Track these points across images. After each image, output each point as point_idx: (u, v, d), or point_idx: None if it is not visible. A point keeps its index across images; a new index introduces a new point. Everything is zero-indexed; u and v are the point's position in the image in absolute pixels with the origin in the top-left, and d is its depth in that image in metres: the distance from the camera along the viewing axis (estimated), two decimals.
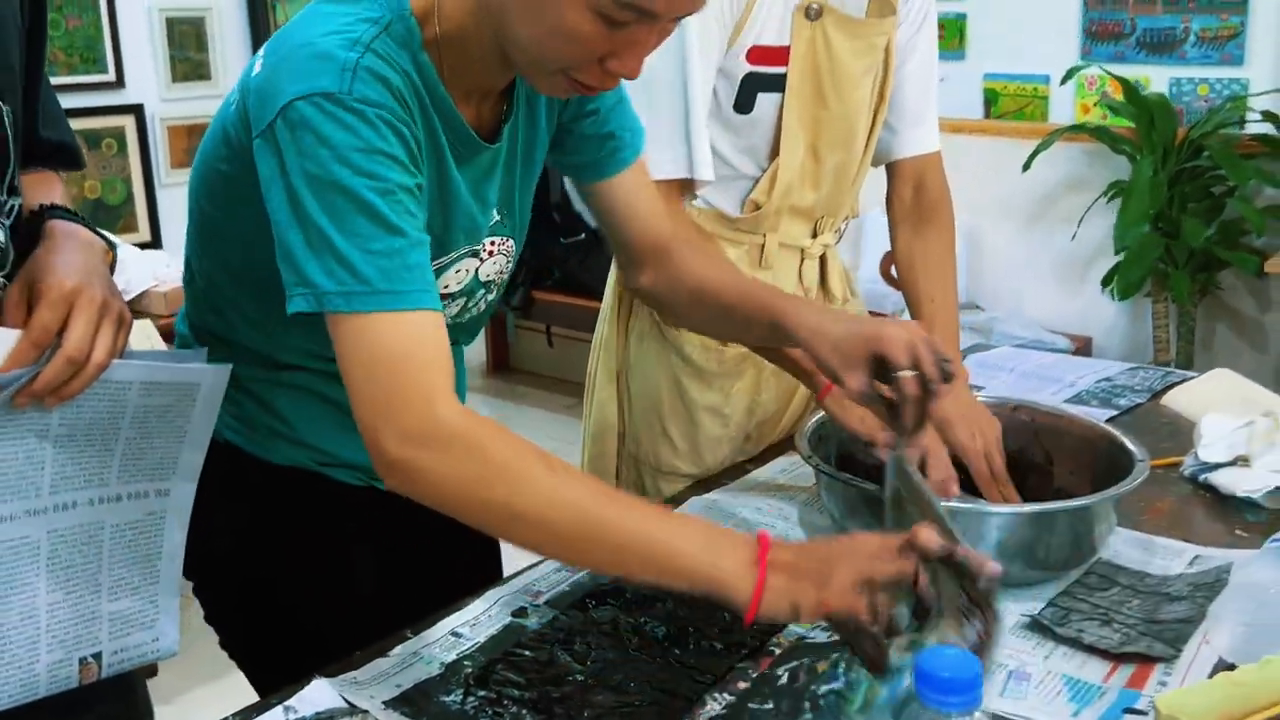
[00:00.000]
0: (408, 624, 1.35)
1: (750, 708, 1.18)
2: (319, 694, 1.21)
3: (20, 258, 1.17)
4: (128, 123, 4.38)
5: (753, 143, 1.69)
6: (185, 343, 1.45)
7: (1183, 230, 3.47)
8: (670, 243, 1.50)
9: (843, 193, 1.80)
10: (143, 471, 1.20)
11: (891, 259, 1.95)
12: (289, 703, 1.20)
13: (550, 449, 1.16)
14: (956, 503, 1.55)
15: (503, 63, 1.21)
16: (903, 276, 1.90)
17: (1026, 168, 3.75)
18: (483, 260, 1.37)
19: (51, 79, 1.31)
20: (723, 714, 1.18)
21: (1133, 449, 1.51)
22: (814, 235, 1.81)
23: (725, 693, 1.21)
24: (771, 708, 1.18)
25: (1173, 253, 3.54)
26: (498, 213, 1.36)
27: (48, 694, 1.18)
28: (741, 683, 1.23)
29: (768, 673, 1.24)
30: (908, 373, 1.24)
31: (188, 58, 4.56)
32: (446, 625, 1.34)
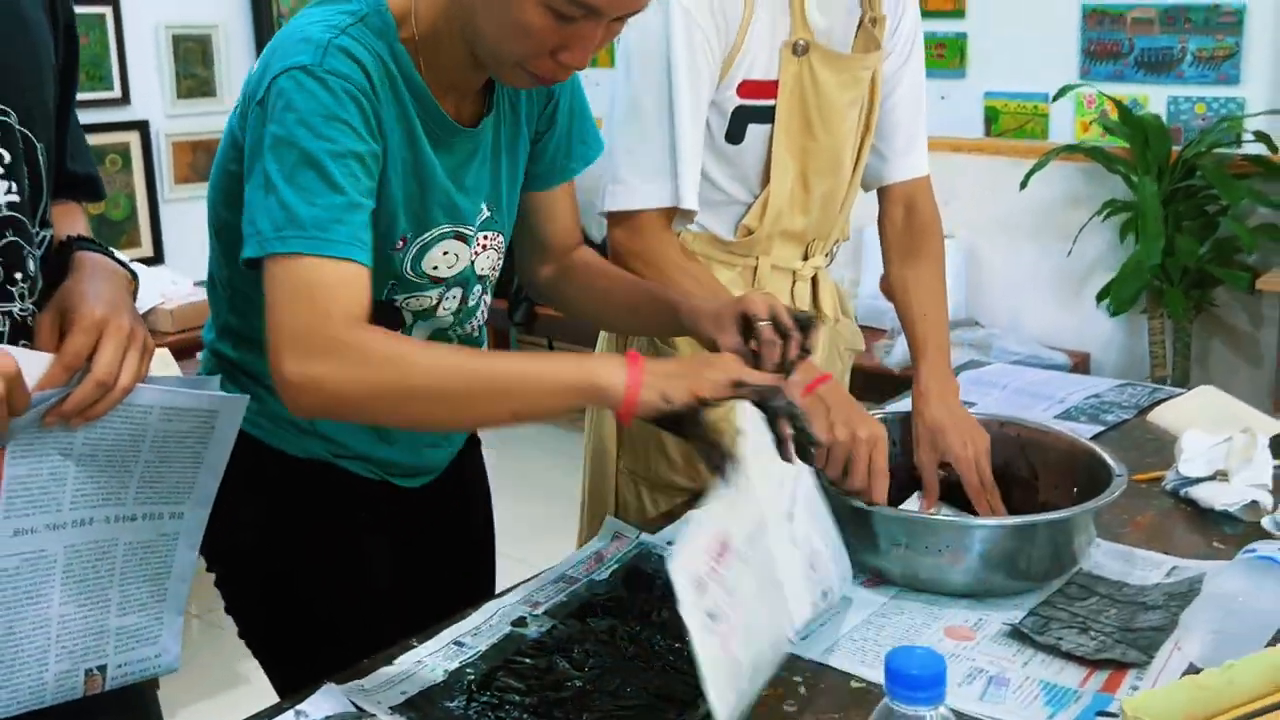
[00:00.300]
0: (418, 615, 1.42)
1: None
2: (328, 699, 1.27)
3: (48, 287, 1.24)
4: (132, 139, 4.45)
5: (744, 171, 1.75)
6: (212, 349, 1.56)
7: (1177, 248, 3.52)
8: (573, 253, 1.64)
9: (832, 217, 1.86)
10: (159, 494, 1.24)
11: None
12: (300, 707, 1.26)
13: (551, 463, 1.26)
14: (943, 515, 1.61)
15: (474, 60, 1.35)
16: (896, 294, 1.95)
17: (1023, 186, 3.80)
18: (476, 253, 1.47)
19: None
20: None
21: (1111, 464, 1.56)
22: (805, 258, 1.87)
23: None
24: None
25: (1168, 270, 3.59)
26: (487, 208, 1.46)
27: (54, 703, 1.22)
28: None
29: None
30: (765, 323, 1.39)
31: (193, 74, 4.62)
32: (449, 635, 1.40)
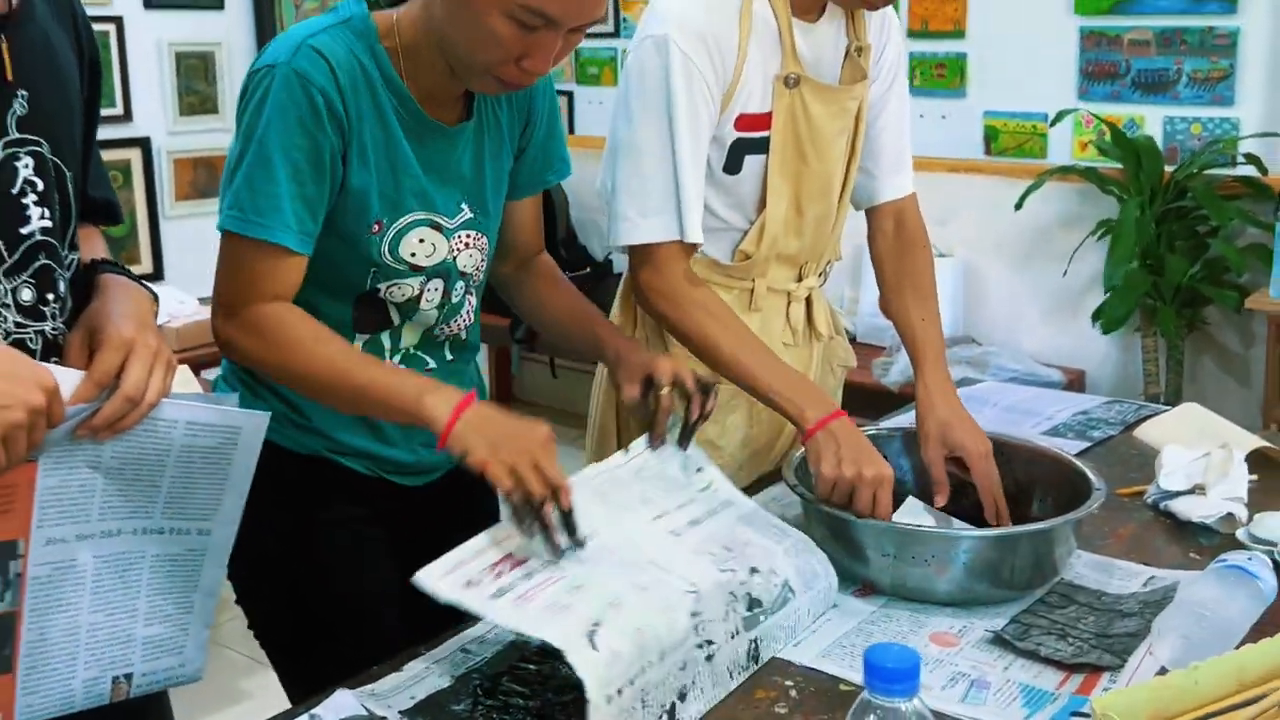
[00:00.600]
0: (419, 610, 1.46)
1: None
2: (341, 703, 1.34)
3: (74, 308, 1.31)
4: (134, 156, 4.48)
5: (741, 199, 1.82)
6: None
7: (1168, 268, 3.59)
8: (535, 255, 1.81)
9: (824, 239, 1.93)
10: (186, 511, 1.30)
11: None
12: (314, 711, 1.32)
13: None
14: (933, 528, 1.68)
15: (450, 70, 1.48)
16: (892, 302, 2.01)
17: (1019, 207, 3.86)
18: (457, 249, 1.59)
19: None
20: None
21: (1092, 478, 1.63)
22: (799, 279, 1.94)
23: None
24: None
25: (1160, 289, 3.64)
26: (469, 208, 1.59)
27: (82, 708, 1.28)
28: None
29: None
30: (665, 390, 1.59)
31: (196, 91, 4.66)
32: (456, 643, 1.47)
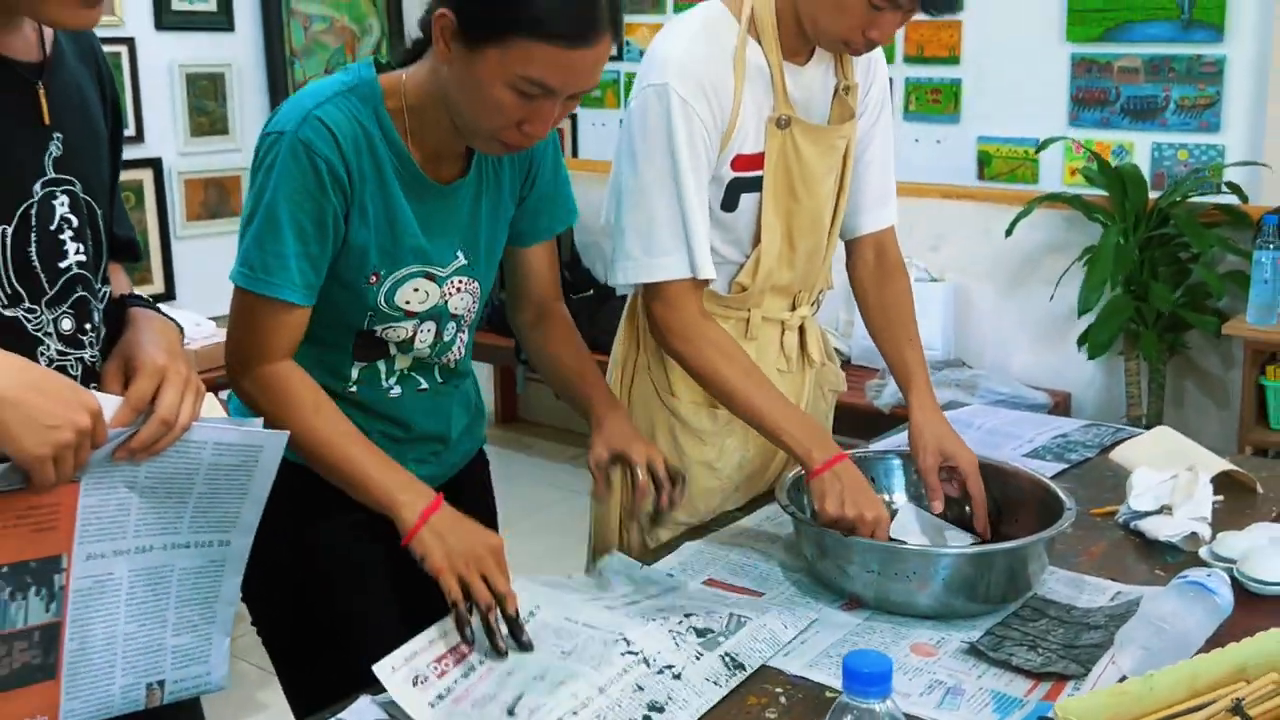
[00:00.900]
0: (415, 619, 1.58)
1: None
2: (365, 709, 1.44)
3: (107, 337, 1.41)
4: (146, 176, 4.54)
5: (738, 235, 1.94)
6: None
7: (1150, 293, 3.70)
8: (552, 304, 1.90)
9: (815, 270, 2.05)
10: (209, 524, 1.39)
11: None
12: (341, 715, 1.43)
13: (557, 497, 1.49)
14: (912, 544, 1.79)
15: (454, 129, 1.60)
16: (877, 324, 2.13)
17: (1008, 234, 3.96)
18: (448, 293, 1.70)
19: None
20: None
21: (1064, 499, 1.75)
22: (793, 308, 2.05)
23: None
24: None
25: (1143, 314, 3.75)
26: (464, 256, 1.70)
27: (119, 713, 1.37)
28: None
29: None
30: (642, 475, 1.75)
31: (206, 112, 4.74)
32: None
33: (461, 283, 1.71)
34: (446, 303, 1.70)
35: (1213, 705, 1.31)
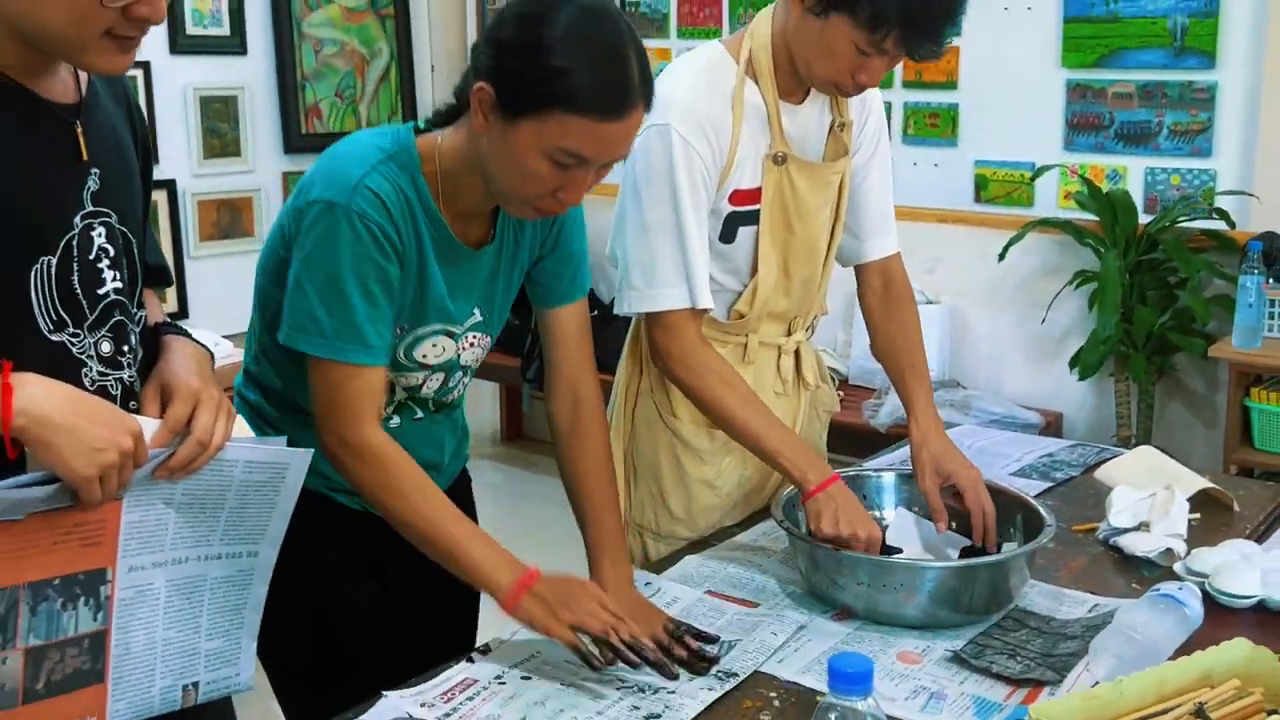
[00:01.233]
0: (401, 639, 1.71)
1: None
2: (387, 709, 1.54)
3: (144, 361, 1.50)
4: (160, 197, 4.59)
5: (736, 265, 2.04)
6: (238, 391, 1.86)
7: (1139, 317, 3.79)
8: (587, 393, 1.89)
9: (811, 297, 2.15)
10: (240, 536, 1.48)
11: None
12: (363, 717, 1.53)
13: (561, 513, 1.61)
14: (900, 558, 1.88)
15: (486, 192, 1.66)
16: (884, 349, 2.24)
17: (1001, 257, 4.05)
18: (463, 348, 1.78)
19: None
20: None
21: (1044, 515, 1.84)
22: (789, 334, 2.15)
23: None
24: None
25: (1132, 336, 3.85)
26: (480, 313, 1.77)
27: (159, 712, 1.46)
28: None
29: None
30: (651, 654, 1.65)
31: (219, 134, 4.82)
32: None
33: (475, 338, 1.79)
34: (459, 357, 1.78)
35: (1178, 709, 1.41)
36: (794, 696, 1.57)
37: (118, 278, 1.43)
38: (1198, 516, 2.08)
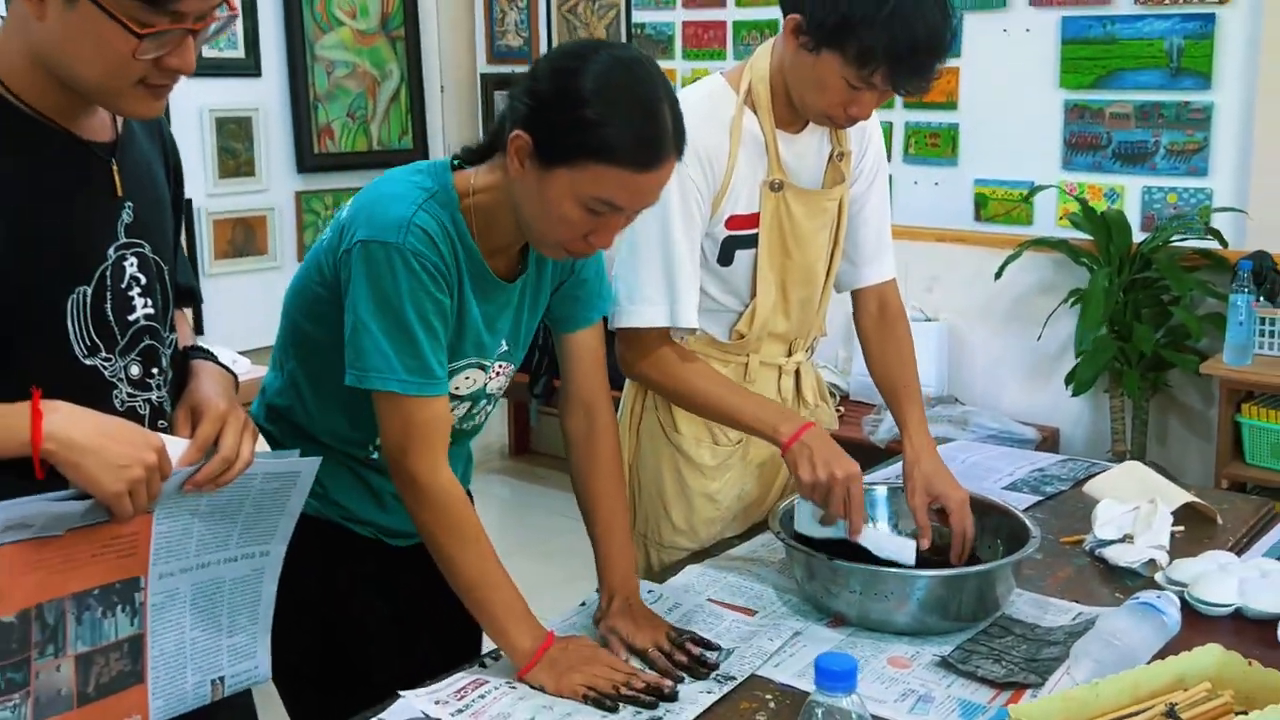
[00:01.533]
0: (411, 647, 1.79)
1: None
2: (403, 708, 1.63)
3: (175, 382, 1.59)
4: None
5: (735, 286, 2.12)
6: (266, 415, 1.91)
7: (1133, 334, 3.87)
8: (600, 407, 1.96)
9: (809, 319, 2.23)
10: (254, 538, 1.58)
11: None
12: (383, 715, 1.62)
13: (569, 526, 1.69)
14: (891, 569, 1.96)
15: (518, 229, 1.72)
16: (879, 372, 2.32)
17: (998, 276, 4.13)
18: (490, 378, 1.84)
19: None
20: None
21: (1030, 527, 1.92)
22: (789, 354, 2.24)
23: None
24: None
25: (1126, 353, 3.92)
26: (506, 343, 1.83)
27: (192, 707, 1.55)
28: None
29: None
30: (661, 663, 1.74)
31: (234, 154, 4.92)
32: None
33: (502, 367, 1.85)
34: (486, 386, 1.84)
35: (1150, 710, 1.49)
36: (789, 698, 1.65)
37: (149, 304, 1.51)
38: (1181, 529, 2.16)
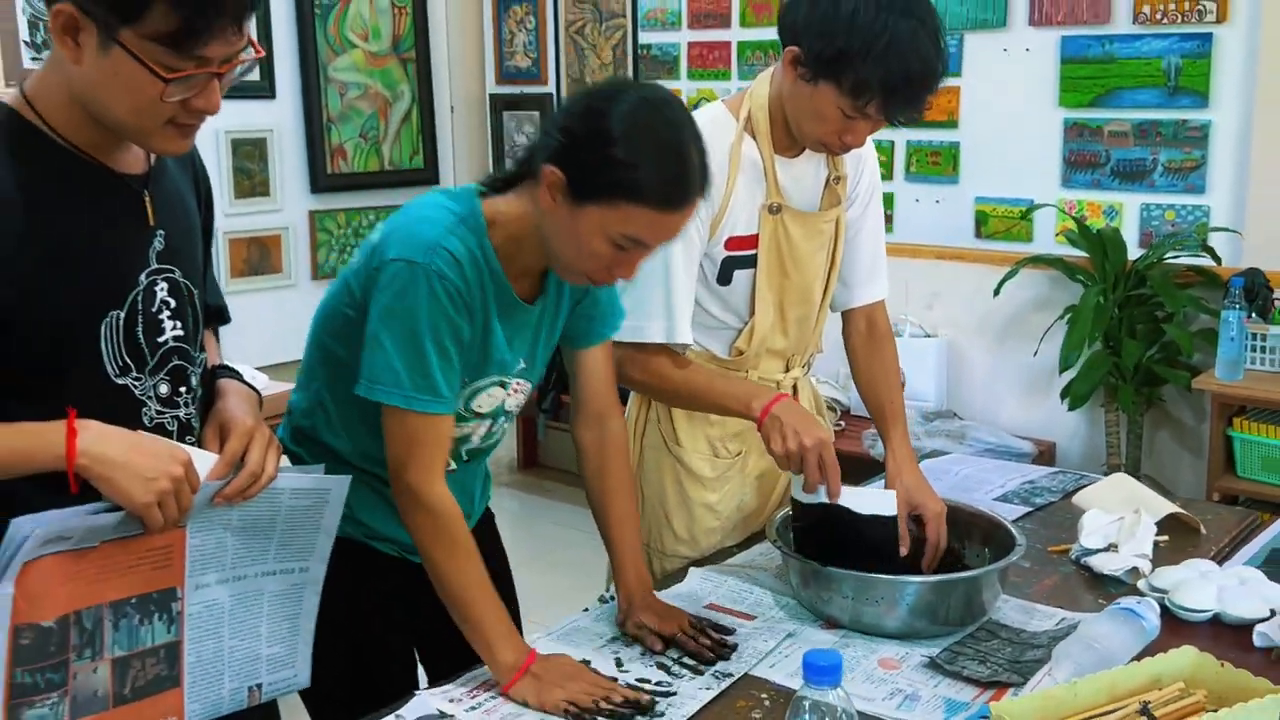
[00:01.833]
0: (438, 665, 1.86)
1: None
2: (419, 705, 1.72)
3: (203, 400, 1.67)
4: None
5: (734, 305, 2.21)
6: (293, 437, 1.97)
7: (1126, 350, 3.94)
8: (610, 416, 2.04)
9: (807, 336, 2.32)
10: (291, 554, 1.67)
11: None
12: (400, 711, 1.70)
13: (575, 538, 1.80)
14: (878, 575, 2.03)
15: (541, 255, 1.79)
16: (865, 388, 2.42)
17: (996, 293, 4.20)
18: (509, 395, 1.91)
19: None
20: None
21: (1016, 535, 2.01)
22: (787, 370, 2.32)
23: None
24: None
25: (1120, 369, 4.00)
26: (524, 361, 1.90)
27: (229, 711, 1.64)
28: None
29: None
30: (684, 640, 1.88)
31: (249, 175, 5.01)
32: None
33: (519, 385, 1.91)
34: (505, 403, 1.90)
35: (1125, 708, 1.57)
36: (783, 697, 1.73)
37: (178, 326, 1.59)
38: (1166, 539, 2.25)
